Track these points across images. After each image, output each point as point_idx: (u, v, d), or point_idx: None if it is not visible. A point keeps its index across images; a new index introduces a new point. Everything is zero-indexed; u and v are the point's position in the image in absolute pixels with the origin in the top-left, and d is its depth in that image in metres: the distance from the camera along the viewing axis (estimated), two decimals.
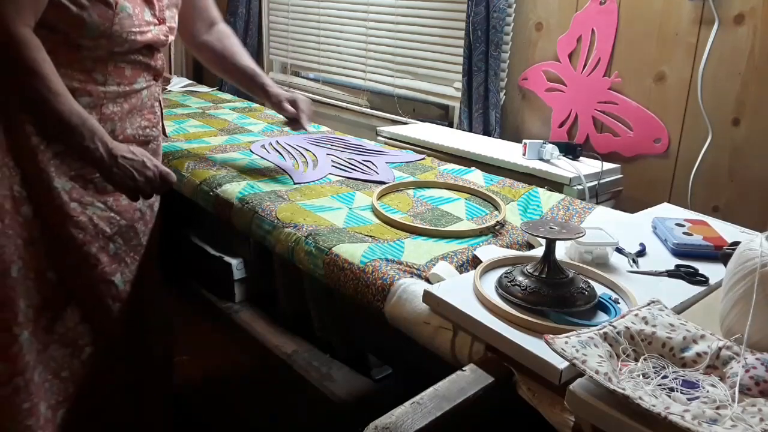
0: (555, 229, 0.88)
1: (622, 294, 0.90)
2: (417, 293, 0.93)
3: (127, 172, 1.15)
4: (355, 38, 2.69)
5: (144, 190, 1.19)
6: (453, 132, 2.16)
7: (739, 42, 1.63)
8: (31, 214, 1.16)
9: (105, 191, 1.23)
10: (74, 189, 1.19)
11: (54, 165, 1.15)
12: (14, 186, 1.14)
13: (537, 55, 2.07)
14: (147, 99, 1.27)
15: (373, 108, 2.70)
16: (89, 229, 1.21)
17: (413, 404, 0.72)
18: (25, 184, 1.15)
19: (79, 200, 1.19)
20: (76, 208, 1.19)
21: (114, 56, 1.17)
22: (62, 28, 1.10)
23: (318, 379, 1.80)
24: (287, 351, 1.93)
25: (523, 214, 1.34)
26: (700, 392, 0.64)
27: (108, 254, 1.25)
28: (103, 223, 1.23)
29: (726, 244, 1.04)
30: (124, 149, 1.16)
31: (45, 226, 1.18)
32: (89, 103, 1.15)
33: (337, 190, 1.41)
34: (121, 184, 1.16)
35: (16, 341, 1.17)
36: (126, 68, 1.21)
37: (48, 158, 1.15)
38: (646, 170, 1.87)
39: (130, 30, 1.16)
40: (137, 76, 1.23)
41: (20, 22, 1.04)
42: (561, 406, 0.70)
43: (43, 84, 1.06)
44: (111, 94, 1.19)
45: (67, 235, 1.19)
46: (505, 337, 0.79)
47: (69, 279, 1.23)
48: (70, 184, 1.18)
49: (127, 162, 1.15)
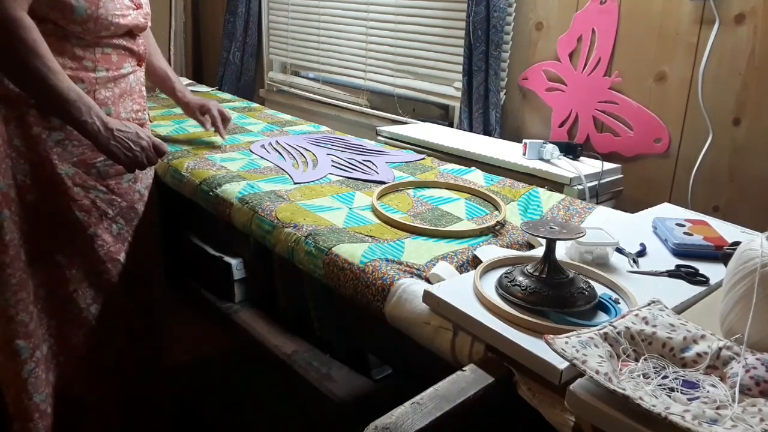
0: (555, 229, 0.87)
1: (622, 294, 0.90)
2: (417, 293, 0.93)
3: (123, 144, 1.23)
4: (355, 38, 2.69)
5: (140, 160, 1.26)
6: (453, 132, 2.16)
7: (740, 42, 1.63)
8: (35, 200, 1.24)
9: (107, 175, 1.31)
10: (77, 174, 1.26)
11: (56, 152, 1.23)
12: (18, 175, 1.21)
13: (537, 54, 2.07)
14: (135, 84, 1.35)
15: (373, 108, 2.70)
16: (93, 211, 1.30)
17: (413, 404, 0.72)
18: (29, 172, 1.22)
19: (82, 185, 1.27)
20: (79, 192, 1.27)
21: (100, 42, 1.25)
22: (52, 17, 1.17)
23: (318, 379, 1.80)
24: (287, 351, 1.93)
25: (524, 214, 1.34)
26: (700, 392, 0.64)
27: (112, 234, 1.34)
28: (106, 205, 1.32)
29: (726, 244, 1.04)
30: (118, 123, 1.23)
31: (51, 211, 1.25)
32: (83, 89, 1.21)
33: (337, 190, 1.41)
34: (118, 155, 1.23)
35: (32, 319, 1.27)
36: (112, 54, 1.28)
37: (50, 146, 1.22)
38: (646, 170, 1.87)
39: (113, 13, 1.23)
40: (123, 62, 1.31)
41: (17, 6, 1.11)
42: (561, 406, 0.69)
43: (42, 62, 1.12)
44: (102, 79, 1.26)
45: (73, 219, 1.27)
46: (505, 337, 0.78)
47: (78, 260, 1.31)
48: (73, 169, 1.25)
49: (122, 134, 1.23)
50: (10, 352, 1.26)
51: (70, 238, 1.29)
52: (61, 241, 1.28)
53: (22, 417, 1.30)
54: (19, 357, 1.26)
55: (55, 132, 1.22)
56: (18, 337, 1.25)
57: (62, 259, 1.29)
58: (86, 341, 1.36)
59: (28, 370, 1.28)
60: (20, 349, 1.26)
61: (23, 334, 1.26)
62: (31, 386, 1.29)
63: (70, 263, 1.30)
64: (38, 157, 1.22)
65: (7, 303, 1.23)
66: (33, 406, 1.30)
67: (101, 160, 1.28)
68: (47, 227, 1.26)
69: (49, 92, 1.14)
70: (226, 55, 3.14)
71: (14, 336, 1.25)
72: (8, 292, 1.23)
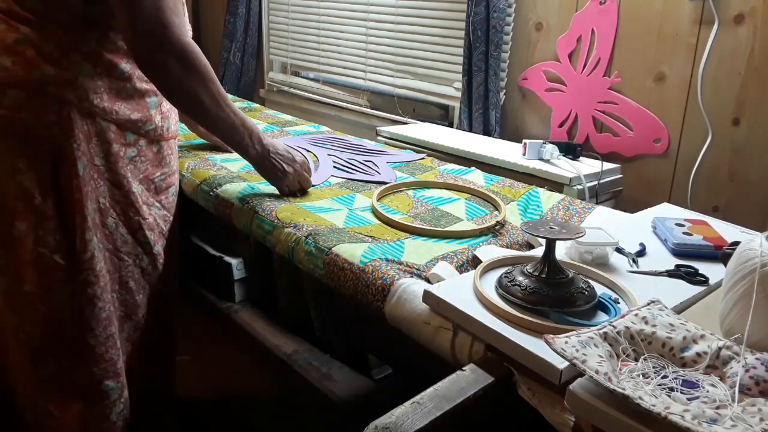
0: (555, 229, 0.88)
1: (622, 294, 0.90)
2: (417, 293, 0.93)
3: (277, 166, 1.29)
4: (355, 38, 2.69)
5: (293, 184, 1.32)
6: (453, 132, 2.16)
7: (739, 42, 1.63)
8: (114, 224, 1.17)
9: (160, 190, 1.25)
10: (143, 192, 1.21)
11: (130, 170, 1.17)
12: (100, 198, 1.13)
13: (537, 55, 2.07)
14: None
15: (373, 108, 2.70)
16: (155, 228, 1.24)
17: (413, 404, 0.72)
18: (107, 193, 1.15)
19: (146, 202, 1.22)
20: (146, 210, 1.21)
21: None
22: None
23: (318, 379, 1.80)
24: (287, 351, 1.93)
25: (523, 214, 1.34)
26: (700, 392, 0.64)
27: (164, 250, 1.28)
28: (161, 221, 1.26)
29: (726, 244, 1.04)
30: (275, 144, 1.29)
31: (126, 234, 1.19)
32: (157, 102, 1.18)
33: (337, 192, 1.41)
34: (271, 176, 1.31)
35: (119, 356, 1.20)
36: None
37: (126, 163, 1.16)
38: (646, 170, 1.87)
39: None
40: None
41: (187, 33, 1.08)
42: (561, 406, 0.70)
43: (213, 88, 1.13)
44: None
45: (143, 239, 1.21)
46: (505, 337, 0.78)
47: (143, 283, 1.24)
48: (141, 187, 1.20)
49: (278, 156, 1.29)
50: (97, 396, 1.16)
51: (139, 261, 1.22)
52: (133, 264, 1.21)
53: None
54: (107, 399, 1.17)
55: (130, 148, 1.16)
56: (107, 377, 1.16)
57: (134, 284, 1.22)
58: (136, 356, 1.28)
59: (117, 413, 1.19)
60: (110, 390, 1.17)
61: (112, 373, 1.17)
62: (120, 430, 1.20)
63: (138, 287, 1.22)
64: (116, 176, 1.14)
65: (97, 340, 1.14)
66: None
67: (158, 175, 1.23)
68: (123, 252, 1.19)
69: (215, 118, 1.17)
70: (227, 55, 3.14)
71: (103, 377, 1.16)
72: (99, 328, 1.14)
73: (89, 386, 1.15)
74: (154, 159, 1.21)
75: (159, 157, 1.23)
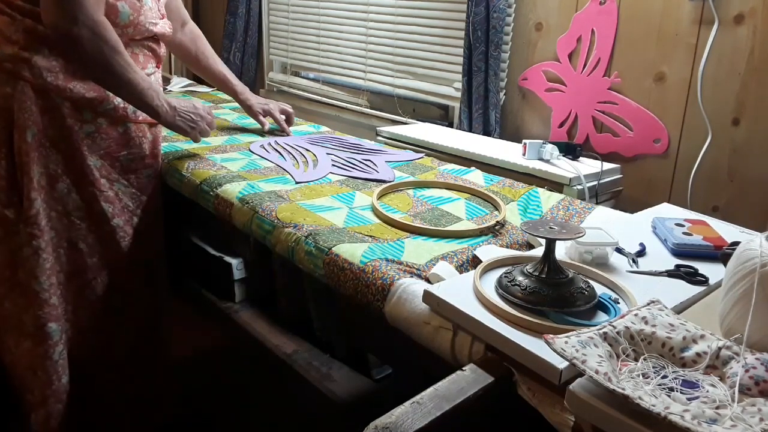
0: (555, 229, 0.88)
1: (622, 294, 0.90)
2: (417, 293, 0.93)
3: (186, 117, 1.42)
4: (355, 38, 2.69)
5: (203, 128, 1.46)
6: (453, 132, 2.16)
7: (739, 42, 1.63)
8: (66, 190, 1.31)
9: (129, 170, 1.40)
10: (103, 166, 1.35)
11: (86, 144, 1.31)
12: (50, 165, 1.29)
13: (537, 55, 2.07)
14: (156, 84, 1.42)
15: (373, 108, 2.70)
16: (116, 203, 1.38)
17: (413, 404, 0.72)
18: (61, 162, 1.30)
19: (107, 177, 1.36)
20: (105, 184, 1.35)
21: (131, 44, 1.35)
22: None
23: (318, 379, 1.80)
24: (287, 351, 1.94)
25: (523, 214, 1.34)
26: (699, 392, 0.64)
27: (132, 227, 1.42)
28: (128, 198, 1.40)
29: (726, 244, 1.04)
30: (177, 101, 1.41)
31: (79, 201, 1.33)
32: None
33: (337, 189, 1.41)
34: (185, 129, 1.42)
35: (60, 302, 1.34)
36: (139, 54, 1.39)
37: (81, 137, 1.30)
38: (646, 170, 1.87)
39: (149, 20, 1.36)
40: (147, 63, 1.42)
41: (97, 9, 1.22)
42: (561, 406, 0.70)
43: (122, 58, 1.25)
44: None
45: (99, 209, 1.36)
46: (505, 337, 0.79)
47: (99, 249, 1.38)
48: (100, 162, 1.34)
49: (184, 110, 1.41)
50: (42, 336, 1.31)
51: (94, 228, 1.36)
52: (86, 230, 1.35)
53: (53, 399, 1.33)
54: (51, 340, 1.31)
55: (87, 125, 1.31)
56: (50, 320, 1.31)
57: (85, 247, 1.36)
58: (98, 328, 1.40)
59: (58, 352, 1.33)
60: (52, 332, 1.31)
61: (54, 317, 1.31)
62: (61, 368, 1.34)
63: (91, 251, 1.36)
64: (70, 148, 1.29)
65: (41, 287, 1.29)
66: (62, 388, 1.34)
67: (124, 154, 1.37)
68: (74, 216, 1.33)
69: (127, 84, 1.27)
70: (227, 55, 3.14)
71: (47, 319, 1.30)
72: (43, 276, 1.29)
73: (35, 327, 1.31)
74: (119, 138, 1.36)
75: (125, 138, 1.38)
